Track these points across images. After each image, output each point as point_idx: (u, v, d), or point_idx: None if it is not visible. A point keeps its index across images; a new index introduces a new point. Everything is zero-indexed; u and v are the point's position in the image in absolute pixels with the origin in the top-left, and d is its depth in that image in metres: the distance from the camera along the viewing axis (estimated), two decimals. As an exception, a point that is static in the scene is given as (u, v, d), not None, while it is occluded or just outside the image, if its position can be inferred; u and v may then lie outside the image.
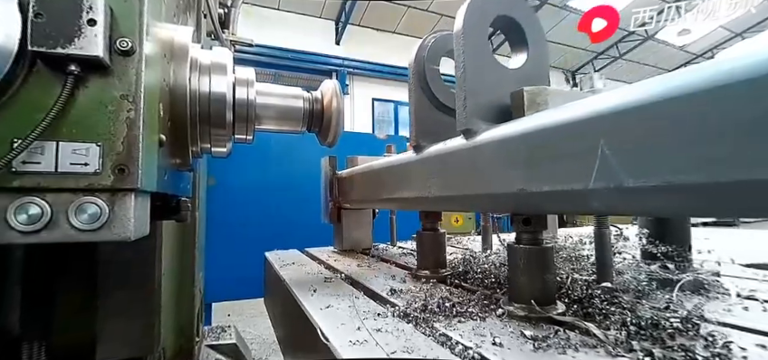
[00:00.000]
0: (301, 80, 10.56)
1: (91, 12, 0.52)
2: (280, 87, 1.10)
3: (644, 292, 0.85)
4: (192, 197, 1.16)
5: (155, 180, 0.63)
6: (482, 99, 0.79)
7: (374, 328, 0.76)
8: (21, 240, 0.50)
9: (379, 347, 0.66)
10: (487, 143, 0.73)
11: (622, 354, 0.58)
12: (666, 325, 0.64)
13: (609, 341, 0.62)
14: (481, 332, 0.70)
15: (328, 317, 0.84)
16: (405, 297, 0.92)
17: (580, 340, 0.64)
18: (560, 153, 0.57)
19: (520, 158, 0.65)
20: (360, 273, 1.28)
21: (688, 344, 0.58)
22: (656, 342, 0.60)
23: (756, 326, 0.69)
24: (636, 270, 0.99)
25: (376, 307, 0.91)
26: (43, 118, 0.50)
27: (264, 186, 3.92)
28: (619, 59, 14.99)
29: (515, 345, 0.64)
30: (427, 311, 0.82)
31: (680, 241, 1.04)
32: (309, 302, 0.98)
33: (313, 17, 11.27)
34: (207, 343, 1.76)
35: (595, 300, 0.76)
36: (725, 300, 0.86)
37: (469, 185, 0.80)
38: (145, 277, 0.99)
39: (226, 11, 1.90)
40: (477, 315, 0.79)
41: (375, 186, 1.34)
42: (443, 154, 0.88)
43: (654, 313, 0.69)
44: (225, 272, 3.28)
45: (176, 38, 0.79)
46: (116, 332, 0.95)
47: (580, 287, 0.84)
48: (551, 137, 0.59)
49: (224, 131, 0.87)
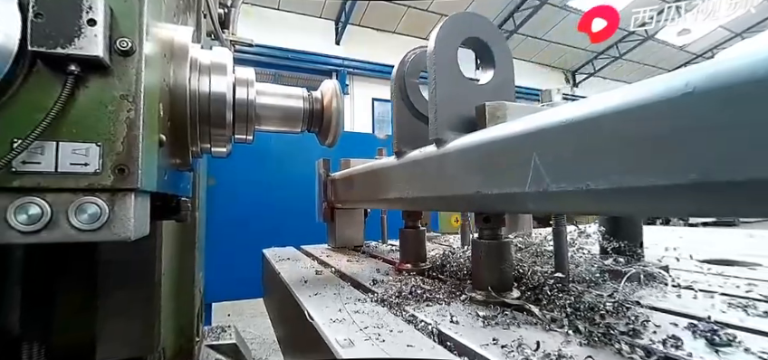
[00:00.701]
0: (301, 80, 10.56)
1: (90, 12, 0.52)
2: (280, 87, 1.09)
3: (595, 282, 0.97)
4: (192, 197, 1.16)
5: (155, 180, 0.63)
6: (451, 111, 0.89)
7: (353, 311, 0.88)
8: (21, 240, 0.50)
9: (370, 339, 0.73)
10: (453, 151, 0.84)
11: (555, 329, 0.71)
12: (600, 308, 0.74)
13: (545, 319, 0.74)
14: (443, 313, 0.81)
15: (315, 302, 0.96)
16: (384, 286, 1.03)
17: (524, 319, 0.76)
18: (504, 162, 0.68)
19: (477, 165, 0.77)
20: (348, 267, 1.38)
21: (613, 322, 0.70)
22: (587, 321, 0.71)
23: (678, 309, 0.80)
24: (590, 263, 1.10)
25: (358, 295, 1.03)
26: (43, 118, 0.50)
27: (264, 186, 3.92)
28: (619, 59, 14.99)
29: (469, 322, 0.76)
30: (401, 297, 0.94)
31: (632, 237, 1.16)
32: (300, 291, 1.09)
33: (313, 17, 11.27)
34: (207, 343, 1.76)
35: (546, 288, 0.87)
36: (664, 289, 0.96)
37: (439, 188, 0.91)
38: (145, 277, 1.00)
39: (226, 11, 1.90)
40: (444, 300, 0.92)
41: (363, 188, 1.45)
42: (418, 160, 0.99)
43: (594, 298, 0.80)
44: (225, 272, 3.28)
45: (176, 38, 0.79)
46: (116, 332, 0.95)
47: (537, 277, 0.95)
48: (498, 148, 0.70)
49: (224, 131, 0.87)
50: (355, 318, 0.83)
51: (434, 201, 1.01)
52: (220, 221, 3.21)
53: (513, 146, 0.66)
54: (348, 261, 1.53)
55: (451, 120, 0.89)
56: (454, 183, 0.84)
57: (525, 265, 1.07)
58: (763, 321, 0.73)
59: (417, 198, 1.03)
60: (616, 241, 1.17)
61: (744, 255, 1.39)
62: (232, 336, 1.86)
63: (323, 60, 10.97)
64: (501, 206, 0.83)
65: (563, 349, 0.61)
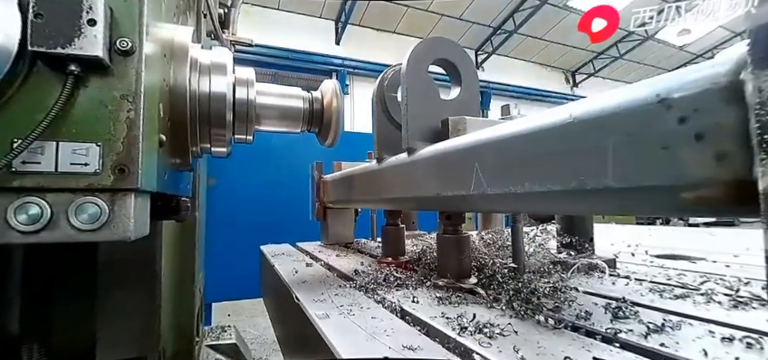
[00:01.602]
0: (301, 80, 10.56)
1: (91, 12, 0.52)
2: (280, 87, 1.09)
3: (547, 272, 1.09)
4: (192, 197, 1.16)
5: (155, 180, 0.63)
6: (421, 123, 1.01)
7: (334, 294, 1.02)
8: (21, 240, 0.50)
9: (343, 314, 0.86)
10: (421, 158, 0.96)
11: (495, 307, 0.85)
12: (539, 292, 0.87)
13: (489, 300, 0.89)
14: (408, 295, 0.95)
15: (302, 287, 1.11)
16: (364, 276, 1.15)
17: (473, 300, 0.90)
18: (456, 169, 0.81)
19: (437, 171, 0.89)
20: (336, 261, 1.51)
21: (545, 302, 0.82)
22: (524, 302, 0.83)
23: (605, 293, 0.92)
24: (544, 256, 1.24)
25: (340, 282, 1.17)
26: (43, 118, 0.50)
27: (264, 186, 3.92)
28: (619, 59, 14.99)
29: (427, 302, 0.90)
30: (377, 283, 1.08)
31: (583, 234, 1.31)
32: (290, 279, 1.23)
33: (313, 17, 11.27)
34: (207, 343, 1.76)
35: (498, 276, 1.00)
36: (602, 277, 1.10)
37: (411, 190, 1.03)
38: (145, 277, 1.00)
39: (226, 11, 1.90)
40: (411, 286, 1.05)
41: (350, 189, 1.59)
42: (395, 165, 1.11)
43: (536, 284, 0.91)
44: (225, 272, 3.28)
45: (176, 38, 0.79)
46: (116, 332, 0.95)
47: (496, 267, 1.08)
48: (452, 157, 0.83)
49: (224, 131, 0.87)
50: (334, 300, 0.97)
51: (407, 201, 1.19)
52: (220, 220, 3.21)
53: (462, 157, 0.80)
54: (337, 256, 1.64)
55: (421, 132, 1.01)
56: (421, 186, 0.97)
57: (488, 257, 1.23)
58: (669, 302, 0.85)
59: (395, 199, 1.18)
60: (569, 237, 1.31)
61: (698, 251, 1.53)
62: (232, 336, 1.86)
63: (323, 60, 10.97)
64: (455, 206, 0.98)
65: (494, 320, 0.74)
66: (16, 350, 0.81)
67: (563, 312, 0.78)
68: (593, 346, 0.63)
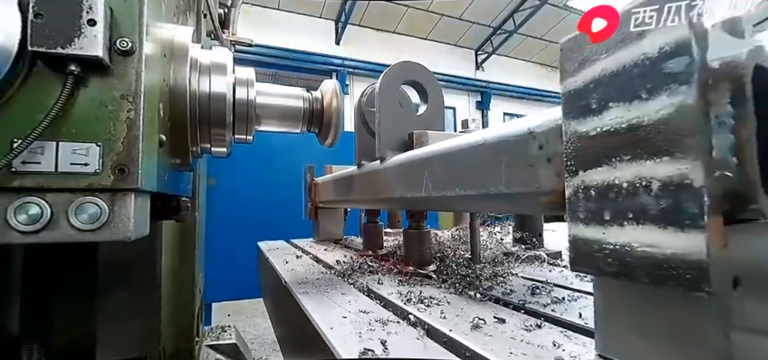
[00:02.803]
0: (301, 80, 10.55)
1: (90, 12, 0.52)
2: (280, 87, 1.09)
3: (500, 262, 1.27)
4: (192, 197, 1.16)
5: (155, 180, 0.63)
6: (391, 135, 1.18)
7: (315, 278, 1.21)
8: (21, 240, 0.50)
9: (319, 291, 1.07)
10: (390, 166, 1.12)
11: (442, 287, 1.02)
12: (482, 276, 1.07)
13: (439, 281, 1.08)
14: (377, 280, 1.13)
15: (290, 273, 1.32)
16: (344, 265, 1.33)
17: (427, 283, 1.09)
18: (414, 175, 0.97)
19: (401, 176, 1.06)
20: (323, 254, 1.68)
21: (483, 283, 1.02)
22: (467, 283, 1.02)
23: (538, 277, 1.09)
24: (498, 249, 1.44)
25: (323, 269, 1.38)
26: (43, 118, 0.50)
27: (264, 186, 3.92)
28: (619, 59, 14.97)
29: (389, 284, 1.08)
30: (353, 271, 1.25)
31: (533, 230, 1.46)
32: (282, 268, 1.42)
33: (313, 17, 11.27)
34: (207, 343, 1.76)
35: (453, 265, 1.19)
36: (542, 266, 1.25)
37: (383, 192, 1.20)
38: (145, 277, 1.00)
39: (226, 11, 1.90)
40: (382, 272, 1.22)
41: (336, 191, 1.79)
42: (370, 171, 1.28)
43: (483, 270, 1.12)
44: (225, 272, 3.28)
45: (176, 38, 0.79)
46: (116, 332, 0.95)
47: (454, 258, 1.28)
48: (411, 165, 1.01)
49: (224, 131, 0.87)
50: (314, 282, 1.16)
51: (380, 201, 1.38)
52: (220, 220, 3.21)
53: (417, 166, 0.97)
54: (325, 250, 1.81)
55: (391, 142, 1.18)
56: (390, 189, 1.14)
57: (450, 250, 1.45)
58: (585, 284, 0.98)
59: (371, 199, 1.39)
60: (521, 233, 1.48)
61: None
62: (232, 336, 1.86)
63: (323, 60, 10.96)
64: (415, 205, 1.19)
65: (436, 295, 0.92)
66: (16, 350, 0.81)
67: (494, 290, 0.97)
68: (501, 310, 0.82)
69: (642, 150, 0.42)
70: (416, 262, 1.22)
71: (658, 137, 0.40)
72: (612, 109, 0.45)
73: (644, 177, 0.41)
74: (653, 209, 0.40)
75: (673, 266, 0.39)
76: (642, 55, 0.43)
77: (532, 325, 0.72)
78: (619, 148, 0.44)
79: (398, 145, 1.17)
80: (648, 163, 0.41)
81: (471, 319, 0.74)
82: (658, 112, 0.40)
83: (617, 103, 0.44)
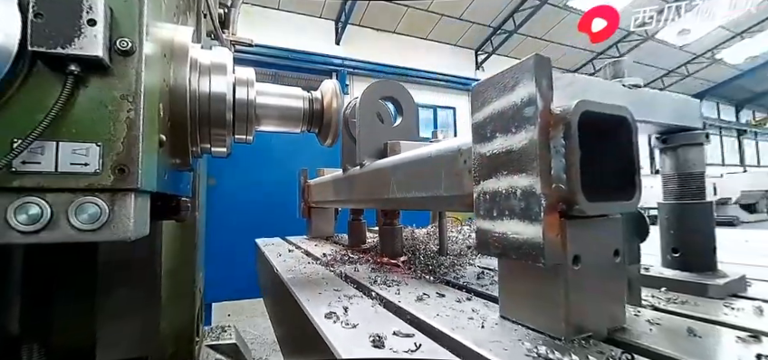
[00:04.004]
0: (301, 80, 10.54)
1: (90, 12, 0.52)
2: (280, 87, 1.09)
3: (465, 255, 1.43)
4: (192, 197, 1.16)
5: (155, 180, 0.63)
6: (369, 145, 1.35)
7: (302, 267, 1.39)
8: (21, 240, 0.50)
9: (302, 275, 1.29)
10: (367, 171, 1.31)
11: (406, 273, 1.17)
12: (443, 265, 1.24)
13: (404, 268, 1.25)
14: (354, 268, 1.28)
15: (282, 264, 1.46)
16: (329, 257, 1.51)
17: (397, 270, 1.24)
18: (384, 179, 1.15)
19: (374, 180, 1.24)
20: (313, 249, 1.85)
21: (443, 270, 1.17)
22: (429, 271, 1.18)
23: (489, 266, 1.23)
24: (464, 244, 1.61)
25: (310, 260, 1.55)
26: (43, 118, 0.50)
27: (264, 186, 3.93)
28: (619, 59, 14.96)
29: (364, 271, 1.24)
30: (335, 262, 1.42)
31: None
32: (274, 259, 1.61)
33: (313, 17, 11.26)
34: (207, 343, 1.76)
35: (421, 256, 1.38)
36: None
37: (361, 194, 1.41)
38: (145, 277, 1.00)
39: (226, 11, 1.90)
40: (360, 262, 1.39)
41: (325, 192, 2.00)
42: (352, 175, 1.45)
43: (444, 260, 1.32)
44: (225, 272, 3.28)
45: (176, 38, 0.79)
46: (116, 332, 0.95)
47: (424, 251, 1.47)
48: (383, 171, 1.18)
49: (224, 131, 0.87)
50: (301, 270, 1.34)
51: (360, 202, 1.58)
52: (220, 220, 3.21)
53: (387, 171, 1.14)
54: (315, 245, 1.99)
55: (369, 150, 1.34)
56: (367, 190, 1.34)
57: (423, 244, 1.63)
58: None
59: (353, 200, 1.58)
60: None
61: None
62: (232, 336, 1.86)
63: (323, 60, 10.96)
64: (386, 205, 1.41)
65: (398, 279, 1.09)
66: (16, 350, 0.81)
67: (448, 276, 1.12)
68: (446, 289, 0.96)
69: (513, 168, 0.59)
70: (389, 254, 1.42)
71: (520, 159, 0.58)
72: (498, 138, 0.63)
73: (513, 186, 0.59)
74: (517, 208, 0.58)
75: (527, 247, 0.56)
76: (512, 103, 0.60)
77: (463, 298, 0.87)
78: (501, 166, 0.62)
79: (375, 152, 1.33)
80: (515, 176, 0.59)
81: (419, 295, 0.89)
82: (520, 142, 0.58)
83: (500, 134, 0.62)
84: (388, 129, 1.42)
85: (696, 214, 0.90)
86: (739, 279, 0.87)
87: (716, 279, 0.84)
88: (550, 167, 0.55)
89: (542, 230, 0.53)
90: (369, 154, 1.33)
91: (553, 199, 0.55)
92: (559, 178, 0.55)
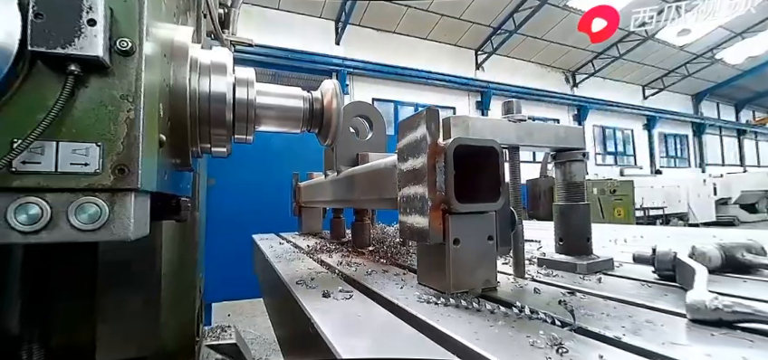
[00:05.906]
0: (301, 80, 10.55)
1: (90, 12, 0.52)
2: (280, 87, 1.09)
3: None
4: (192, 197, 1.16)
5: (155, 180, 0.63)
6: (345, 154, 1.63)
7: (289, 257, 1.63)
8: (21, 240, 0.50)
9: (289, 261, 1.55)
10: (343, 176, 1.59)
11: (372, 260, 1.37)
12: (401, 253, 1.47)
13: (369, 256, 1.45)
14: (330, 255, 1.55)
15: (272, 254, 1.73)
16: (312, 248, 1.77)
17: (363, 257, 1.46)
18: (351, 185, 1.45)
19: (346, 184, 1.54)
20: (301, 242, 2.12)
21: (398, 257, 1.39)
22: (387, 257, 1.40)
23: None
24: None
25: (296, 251, 1.82)
26: (43, 118, 0.50)
27: (264, 186, 3.94)
28: (619, 59, 14.98)
29: (336, 257, 1.48)
30: (316, 251, 1.67)
31: None
32: (267, 251, 1.86)
33: (313, 17, 11.27)
34: (207, 343, 1.76)
35: (385, 247, 1.61)
36: None
37: (337, 195, 1.68)
38: (145, 277, 1.00)
39: (226, 11, 1.90)
40: (335, 252, 1.65)
41: (312, 194, 2.33)
42: (333, 179, 1.72)
43: (403, 250, 1.52)
44: (225, 272, 3.28)
45: (176, 38, 0.79)
46: (116, 332, 0.95)
47: (390, 243, 1.69)
48: (353, 177, 1.46)
49: (224, 131, 0.87)
50: (288, 258, 1.58)
51: (337, 202, 1.86)
52: (220, 220, 3.21)
53: (354, 178, 1.43)
54: (303, 239, 2.29)
55: (345, 159, 1.63)
56: (341, 193, 1.61)
57: (390, 238, 1.88)
58: None
59: (332, 200, 1.85)
60: None
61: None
62: (232, 336, 1.86)
63: (323, 60, 10.96)
64: (356, 205, 1.70)
65: (360, 262, 1.34)
66: (16, 350, 0.81)
67: (399, 260, 1.35)
68: (392, 268, 1.18)
69: (416, 180, 0.83)
70: (358, 245, 1.72)
71: (419, 175, 0.81)
72: (409, 160, 0.86)
73: (416, 193, 0.82)
74: (417, 207, 0.82)
75: (421, 232, 0.81)
76: (415, 138, 0.83)
77: (401, 273, 1.11)
78: (411, 178, 0.85)
79: (349, 161, 1.61)
80: (417, 186, 0.82)
81: (368, 270, 1.15)
82: (420, 163, 0.81)
83: (411, 157, 0.85)
84: (361, 142, 1.72)
85: (576, 212, 1.12)
86: (606, 260, 1.09)
87: (585, 260, 1.06)
88: (435, 180, 0.79)
89: (428, 221, 0.78)
90: (344, 162, 1.62)
91: (437, 201, 0.79)
92: (441, 188, 0.78)
